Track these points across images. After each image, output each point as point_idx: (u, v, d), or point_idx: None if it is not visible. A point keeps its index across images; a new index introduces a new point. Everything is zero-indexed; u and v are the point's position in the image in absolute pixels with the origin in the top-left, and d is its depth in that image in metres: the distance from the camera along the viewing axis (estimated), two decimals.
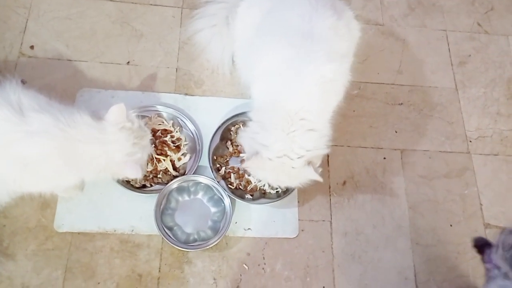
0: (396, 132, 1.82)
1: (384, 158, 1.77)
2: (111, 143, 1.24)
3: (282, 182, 1.41)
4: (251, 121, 1.38)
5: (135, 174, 1.27)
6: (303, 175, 1.33)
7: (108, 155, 1.24)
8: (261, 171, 1.36)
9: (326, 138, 1.36)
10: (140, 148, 1.29)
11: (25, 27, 1.79)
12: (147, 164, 1.56)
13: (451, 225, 1.69)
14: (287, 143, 1.29)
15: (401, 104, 1.88)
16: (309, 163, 1.31)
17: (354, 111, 1.83)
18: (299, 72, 1.31)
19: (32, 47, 1.75)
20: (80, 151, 1.21)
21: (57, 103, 1.25)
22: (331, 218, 1.64)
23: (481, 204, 1.73)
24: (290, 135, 1.30)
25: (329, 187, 1.69)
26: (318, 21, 1.35)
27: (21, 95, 1.19)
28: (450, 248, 1.66)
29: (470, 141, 1.84)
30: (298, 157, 1.30)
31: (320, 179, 1.32)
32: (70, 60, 1.76)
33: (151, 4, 1.91)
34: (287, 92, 1.33)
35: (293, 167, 1.31)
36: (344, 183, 1.70)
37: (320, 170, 1.35)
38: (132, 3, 1.89)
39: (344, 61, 1.41)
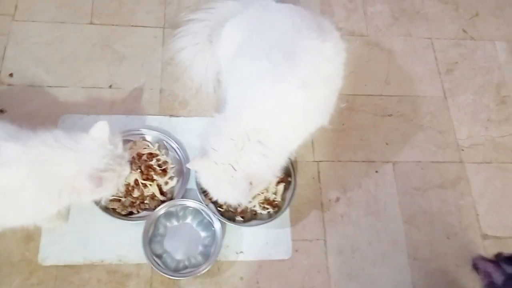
0: (387, 144, 1.79)
1: (376, 171, 1.73)
2: (84, 153, 1.19)
3: (220, 191, 1.36)
4: (211, 124, 1.35)
5: (94, 186, 1.16)
6: (238, 188, 1.29)
7: (76, 163, 1.17)
8: (205, 174, 1.35)
9: (276, 168, 1.35)
10: (113, 172, 1.23)
11: (3, 55, 1.75)
12: (134, 190, 1.52)
13: (448, 238, 1.65)
14: (235, 156, 1.27)
15: (391, 115, 1.85)
16: (250, 181, 1.28)
17: (343, 124, 1.80)
18: (270, 91, 1.28)
19: (11, 74, 1.71)
20: (56, 173, 1.16)
21: (28, 131, 1.21)
22: (325, 236, 1.60)
23: (477, 214, 1.70)
24: (240, 152, 1.27)
25: (322, 204, 1.65)
26: (301, 42, 1.32)
27: None
28: (449, 261, 1.62)
29: (463, 150, 1.81)
30: (241, 170, 1.27)
31: (247, 199, 1.36)
32: (50, 86, 1.71)
33: (132, 26, 1.87)
34: (252, 108, 1.29)
35: (232, 176, 1.28)
36: (337, 199, 1.66)
37: (255, 192, 1.40)
38: (113, 25, 1.86)
39: (327, 86, 1.37)
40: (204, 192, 1.54)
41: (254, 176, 1.28)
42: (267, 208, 1.57)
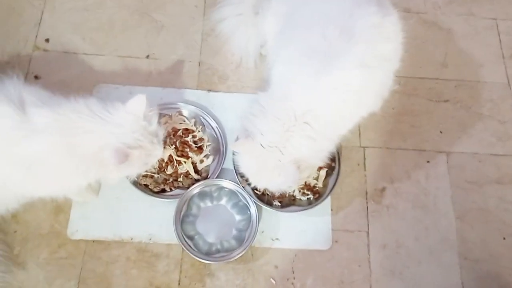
0: (441, 132, 1.64)
1: (428, 161, 1.59)
2: (114, 125, 1.11)
3: (262, 177, 1.26)
4: (254, 106, 1.25)
5: (118, 161, 1.07)
6: (285, 173, 1.20)
7: (105, 135, 1.10)
8: (247, 158, 1.25)
9: (324, 153, 1.25)
10: (141, 150, 1.14)
11: (40, 20, 1.69)
12: (167, 166, 1.44)
13: (504, 238, 1.51)
14: (282, 139, 1.18)
15: (447, 101, 1.69)
16: (298, 166, 1.19)
17: (393, 108, 1.66)
18: (322, 70, 1.16)
19: (47, 40, 1.66)
20: (84, 143, 1.09)
21: (63, 97, 1.14)
22: (368, 228, 1.48)
23: None
24: (287, 134, 1.17)
25: (366, 194, 1.53)
26: (359, 17, 1.19)
27: (22, 91, 1.10)
28: (503, 263, 1.48)
29: None
30: (289, 154, 1.19)
31: (295, 186, 1.28)
32: (86, 54, 1.65)
33: None
34: (301, 87, 1.18)
35: (279, 160, 1.18)
36: (383, 189, 1.54)
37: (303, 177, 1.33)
38: None
39: (385, 67, 1.25)
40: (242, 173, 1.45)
41: (302, 160, 1.19)
42: (307, 194, 1.47)
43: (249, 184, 1.41)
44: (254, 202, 1.41)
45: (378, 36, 1.21)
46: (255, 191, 1.45)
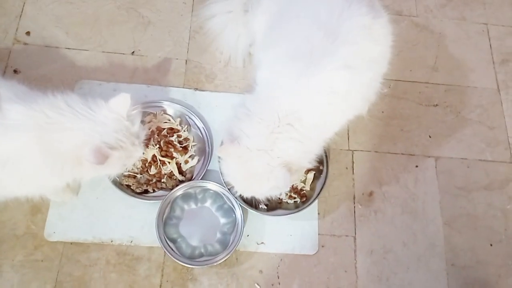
0: (430, 137, 1.62)
1: (417, 166, 1.57)
2: (95, 123, 1.06)
3: (250, 184, 1.21)
4: (240, 109, 1.21)
5: (97, 161, 1.03)
6: (275, 177, 1.15)
7: (84, 132, 1.05)
8: (233, 164, 1.19)
9: (312, 155, 1.22)
10: (122, 151, 1.09)
11: (22, 11, 1.63)
12: (151, 167, 1.40)
13: (491, 244, 1.49)
14: (269, 141, 1.14)
15: (436, 105, 1.67)
16: (288, 169, 1.15)
17: (383, 112, 1.64)
18: (306, 72, 1.13)
19: (28, 33, 1.60)
20: (61, 140, 1.04)
21: (38, 92, 1.09)
22: (355, 233, 1.46)
23: None
24: (273, 136, 1.14)
25: (354, 198, 1.50)
26: (348, 18, 1.16)
27: None
28: (491, 270, 1.46)
29: None
30: (277, 157, 1.15)
31: (287, 188, 1.20)
32: (69, 48, 1.59)
33: None
34: (285, 89, 1.15)
35: (268, 164, 1.14)
36: (371, 193, 1.51)
37: (293, 180, 1.27)
38: None
39: (372, 70, 1.22)
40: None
41: (291, 163, 1.15)
42: (294, 198, 1.44)
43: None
44: (240, 205, 1.37)
45: (366, 37, 1.18)
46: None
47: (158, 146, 1.42)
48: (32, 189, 1.16)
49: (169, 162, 1.41)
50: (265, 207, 1.42)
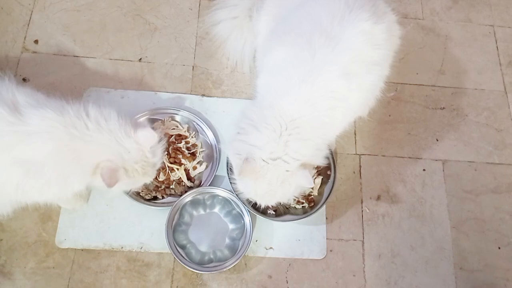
0: (437, 140, 1.62)
1: (424, 169, 1.57)
2: (123, 147, 1.10)
3: (272, 194, 1.21)
4: (243, 120, 1.22)
5: (107, 182, 1.07)
6: (297, 180, 1.17)
7: (112, 151, 1.09)
8: (253, 179, 1.18)
9: (322, 153, 1.22)
10: (133, 179, 1.15)
11: (30, 20, 1.64)
12: (159, 173, 1.41)
13: (499, 248, 1.49)
14: (280, 145, 1.15)
15: (443, 108, 1.67)
16: (305, 167, 1.17)
17: (390, 115, 1.64)
18: (308, 77, 1.15)
19: (36, 41, 1.61)
20: (86, 150, 1.07)
21: (58, 99, 1.11)
22: (363, 238, 1.46)
23: None
24: (283, 139, 1.15)
25: (361, 202, 1.50)
26: (350, 23, 1.17)
27: (15, 92, 1.06)
28: (499, 273, 1.46)
29: None
30: (294, 160, 1.16)
31: (312, 185, 1.19)
32: (77, 56, 1.60)
33: None
34: (289, 94, 1.17)
35: (287, 170, 1.15)
36: (378, 197, 1.52)
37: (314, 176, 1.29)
38: None
39: (372, 74, 1.22)
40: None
41: (307, 164, 1.17)
42: (302, 203, 1.44)
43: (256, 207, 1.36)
44: (248, 210, 1.38)
45: (366, 43, 1.18)
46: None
47: (166, 152, 1.43)
48: (52, 195, 1.17)
49: (177, 169, 1.42)
50: (274, 213, 1.42)
